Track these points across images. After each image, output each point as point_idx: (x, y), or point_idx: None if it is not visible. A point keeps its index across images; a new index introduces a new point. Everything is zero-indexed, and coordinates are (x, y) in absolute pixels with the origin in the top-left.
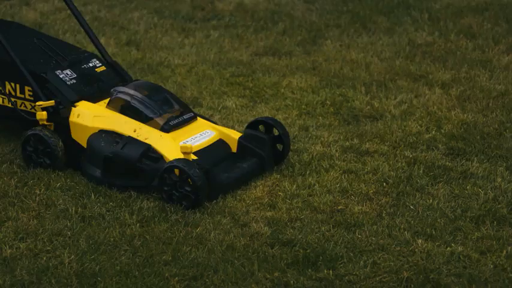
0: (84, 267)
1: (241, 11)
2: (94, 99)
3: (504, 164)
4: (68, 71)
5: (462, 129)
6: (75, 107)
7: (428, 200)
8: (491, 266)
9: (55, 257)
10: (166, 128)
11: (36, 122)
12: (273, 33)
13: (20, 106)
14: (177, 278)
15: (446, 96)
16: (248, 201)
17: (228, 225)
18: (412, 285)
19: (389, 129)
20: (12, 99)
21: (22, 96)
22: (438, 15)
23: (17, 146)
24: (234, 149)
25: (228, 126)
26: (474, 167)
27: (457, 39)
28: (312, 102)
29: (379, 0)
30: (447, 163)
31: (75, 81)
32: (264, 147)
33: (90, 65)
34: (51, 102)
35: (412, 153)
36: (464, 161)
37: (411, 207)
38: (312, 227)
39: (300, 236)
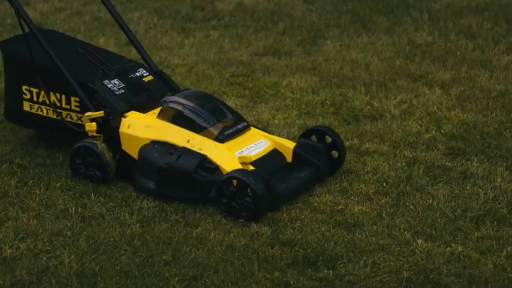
0: (84, 267)
1: (241, 11)
2: (143, 109)
3: (504, 164)
4: (115, 81)
5: (462, 129)
6: (125, 117)
7: (428, 200)
8: (491, 266)
9: (55, 257)
10: (221, 138)
11: (83, 134)
12: (273, 33)
13: (66, 117)
14: (177, 278)
15: (446, 96)
16: None
17: (228, 225)
18: (412, 285)
19: (389, 129)
20: (58, 110)
21: (68, 107)
22: (438, 15)
23: (17, 146)
24: (288, 158)
25: None
26: (474, 167)
27: (457, 39)
28: (312, 102)
29: (379, 0)
30: (447, 163)
31: (123, 91)
32: (320, 156)
33: (137, 74)
34: (101, 113)
35: (412, 153)
36: (464, 161)
37: (411, 207)
38: (312, 227)
39: (300, 236)
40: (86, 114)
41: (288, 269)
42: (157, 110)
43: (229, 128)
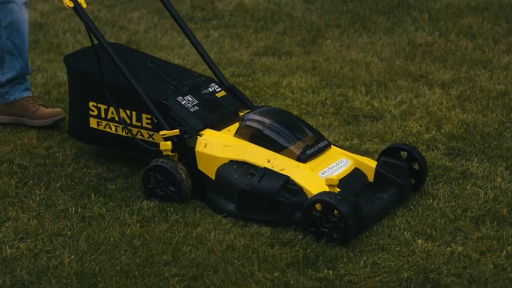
0: (84, 267)
1: (241, 11)
2: (217, 126)
3: (504, 164)
4: (189, 97)
5: (462, 129)
6: (200, 136)
7: (428, 200)
8: (491, 266)
9: (55, 257)
10: (303, 158)
11: (155, 152)
12: (273, 33)
13: (136, 135)
14: (177, 278)
15: (446, 96)
16: None
17: (228, 225)
18: (412, 285)
19: (389, 129)
20: (129, 128)
21: (139, 124)
22: (438, 15)
23: (17, 146)
24: (370, 178)
25: None
26: (474, 167)
27: (457, 39)
28: (312, 102)
29: (379, 0)
30: (447, 163)
31: (197, 108)
32: (403, 176)
33: (210, 90)
34: (176, 132)
35: None
36: (464, 161)
37: (411, 207)
38: None
39: (300, 236)
40: (161, 132)
41: (288, 269)
42: (231, 127)
43: (311, 147)
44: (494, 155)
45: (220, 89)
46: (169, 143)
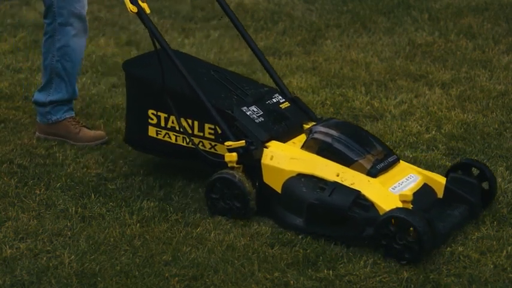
0: (84, 267)
1: (241, 11)
2: (283, 138)
3: (504, 164)
4: (253, 108)
5: (462, 129)
6: (266, 147)
7: None
8: (491, 266)
9: (55, 257)
10: (374, 172)
11: (218, 164)
12: (273, 33)
13: (198, 145)
14: (177, 278)
15: (446, 96)
16: None
17: (228, 225)
18: (412, 285)
19: (389, 129)
20: (192, 138)
21: (201, 134)
22: (438, 15)
23: (17, 146)
24: (439, 194)
25: None
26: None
27: (457, 39)
28: (312, 102)
29: (379, 0)
30: (447, 163)
31: (263, 119)
32: (474, 194)
33: (274, 100)
34: (242, 143)
35: (412, 153)
36: None
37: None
38: None
39: (300, 236)
40: (226, 143)
41: (288, 269)
42: (296, 140)
43: (381, 161)
44: (494, 155)
45: (284, 100)
46: (234, 154)
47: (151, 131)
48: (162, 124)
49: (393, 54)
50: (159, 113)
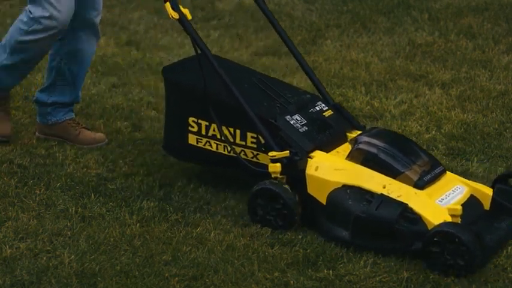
0: (84, 267)
1: (241, 11)
2: (327, 147)
3: (504, 164)
4: (297, 117)
5: (462, 129)
6: (311, 158)
7: None
8: (492, 266)
9: (55, 257)
10: (420, 184)
11: (260, 174)
12: (273, 33)
13: (240, 154)
14: (177, 278)
15: (446, 96)
16: None
17: (228, 225)
18: (412, 285)
19: (389, 129)
20: (234, 147)
21: (243, 143)
22: (438, 15)
23: (17, 146)
24: (486, 206)
25: None
26: (474, 167)
27: (457, 39)
28: None
29: (379, 0)
30: (447, 163)
31: (306, 128)
32: None
33: (317, 108)
34: (286, 153)
35: None
36: (464, 161)
37: None
38: (313, 226)
39: (300, 236)
40: (270, 154)
41: (288, 269)
42: (340, 149)
43: (428, 172)
44: (494, 155)
45: (327, 107)
46: (278, 165)
47: (192, 139)
48: (203, 132)
49: (393, 54)
50: (199, 121)
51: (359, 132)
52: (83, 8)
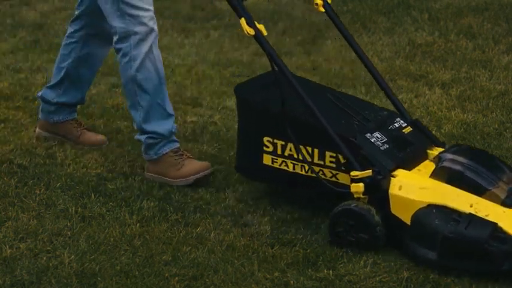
0: (84, 267)
1: None
2: (408, 166)
3: None
4: (377, 134)
5: (462, 129)
6: (394, 177)
7: None
8: None
9: (55, 257)
10: (509, 202)
11: (341, 194)
12: (273, 33)
13: (318, 174)
14: (177, 278)
15: (446, 96)
16: (249, 202)
17: (228, 225)
18: (412, 285)
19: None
20: (313, 167)
21: (321, 162)
22: (438, 15)
23: (17, 146)
24: None
25: (228, 126)
26: None
27: (457, 39)
28: None
29: (379, 0)
30: None
31: (387, 146)
32: None
33: (396, 125)
34: (369, 173)
35: None
36: None
37: None
38: (313, 227)
39: (300, 236)
40: (352, 173)
41: (288, 269)
42: (421, 166)
43: None
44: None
45: (405, 124)
46: (361, 185)
47: (267, 159)
48: (279, 152)
49: (393, 54)
50: (275, 140)
51: (439, 149)
52: (102, 18)
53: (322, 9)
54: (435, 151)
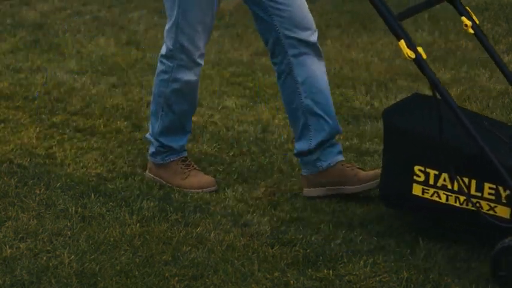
0: (84, 267)
1: (241, 11)
2: None
3: None
4: None
5: None
6: None
7: None
8: None
9: (55, 257)
10: None
11: (504, 229)
12: None
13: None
14: (177, 278)
15: None
16: (249, 202)
17: (228, 225)
18: (412, 285)
19: None
20: (473, 200)
21: (479, 194)
22: (438, 15)
23: (17, 146)
24: None
25: (228, 126)
26: None
27: (457, 39)
28: None
29: None
30: None
31: None
32: None
33: None
34: None
35: None
36: None
37: None
38: (313, 227)
39: (300, 236)
40: None
41: (288, 269)
42: None
43: None
44: None
45: None
46: None
47: (417, 189)
48: (431, 182)
49: (393, 54)
50: (427, 170)
51: None
52: (289, 30)
53: (472, 31)
54: None
